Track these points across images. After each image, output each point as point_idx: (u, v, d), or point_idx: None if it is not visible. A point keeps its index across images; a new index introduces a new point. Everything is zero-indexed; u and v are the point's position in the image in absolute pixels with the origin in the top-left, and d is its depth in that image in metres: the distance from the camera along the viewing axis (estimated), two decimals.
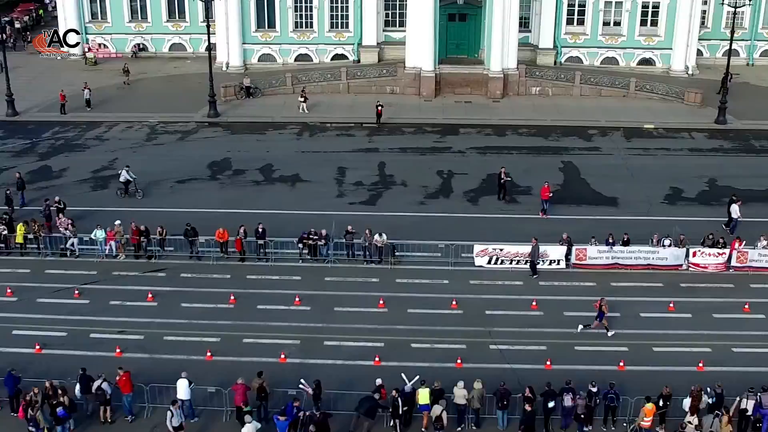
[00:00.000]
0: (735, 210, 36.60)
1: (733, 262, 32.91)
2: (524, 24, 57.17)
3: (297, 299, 30.48)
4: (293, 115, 49.44)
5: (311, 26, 56.79)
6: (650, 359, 27.75)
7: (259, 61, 57.03)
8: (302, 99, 50.28)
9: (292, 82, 52.34)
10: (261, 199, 38.70)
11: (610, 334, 28.72)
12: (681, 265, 32.97)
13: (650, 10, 56.80)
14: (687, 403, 24.52)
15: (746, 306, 30.64)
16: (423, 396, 24.56)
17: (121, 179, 38.62)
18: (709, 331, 29.18)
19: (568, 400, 24.41)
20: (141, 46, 59.34)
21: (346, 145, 45.64)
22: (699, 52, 59.74)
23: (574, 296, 31.16)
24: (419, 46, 51.54)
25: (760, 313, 30.43)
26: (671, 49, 56.70)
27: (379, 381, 24.79)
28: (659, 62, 57.54)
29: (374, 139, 46.43)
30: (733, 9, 48.04)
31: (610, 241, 32.82)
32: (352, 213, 37.07)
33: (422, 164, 42.83)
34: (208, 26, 48.25)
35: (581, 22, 57.20)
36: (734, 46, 58.97)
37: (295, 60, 57.15)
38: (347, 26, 56.82)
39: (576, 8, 56.95)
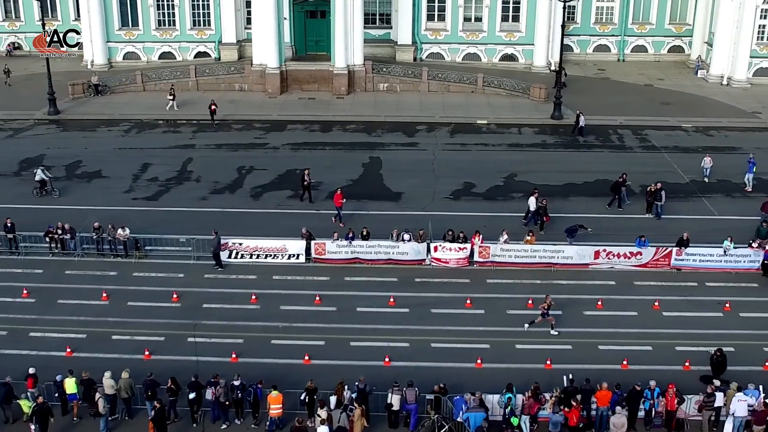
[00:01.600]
0: (532, 202, 36.58)
1: (476, 257, 32.86)
2: (386, 20, 57.46)
3: (25, 292, 30.83)
4: (133, 113, 49.58)
5: (173, 24, 57.23)
6: (344, 353, 27.49)
7: (124, 59, 57.49)
8: (171, 96, 50.68)
9: (142, 80, 52.75)
10: (52, 195, 39.13)
11: (554, 332, 28.59)
12: (424, 260, 33.06)
13: (511, 5, 56.43)
14: (333, 399, 24.65)
15: (468, 301, 30.73)
16: (69, 385, 24.83)
17: (37, 178, 39.12)
18: (417, 326, 28.99)
19: (209, 394, 24.59)
20: (15, 44, 60.10)
21: (167, 141, 45.81)
22: (569, 48, 59.72)
23: (300, 290, 31.05)
24: (264, 43, 51.59)
25: (480, 309, 30.31)
26: (533, 44, 56.55)
27: (32, 370, 25.03)
28: (522, 58, 57.21)
29: (198, 135, 46.50)
30: (563, 3, 47.80)
31: (350, 235, 33.01)
32: (131, 208, 37.35)
33: (229, 160, 42.84)
34: (43, 24, 49.12)
35: (442, 18, 57.00)
36: (605, 41, 59.52)
37: (159, 58, 57.66)
38: (209, 24, 57.26)
39: (436, 4, 56.71)
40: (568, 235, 33.62)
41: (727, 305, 30.47)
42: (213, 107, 48.09)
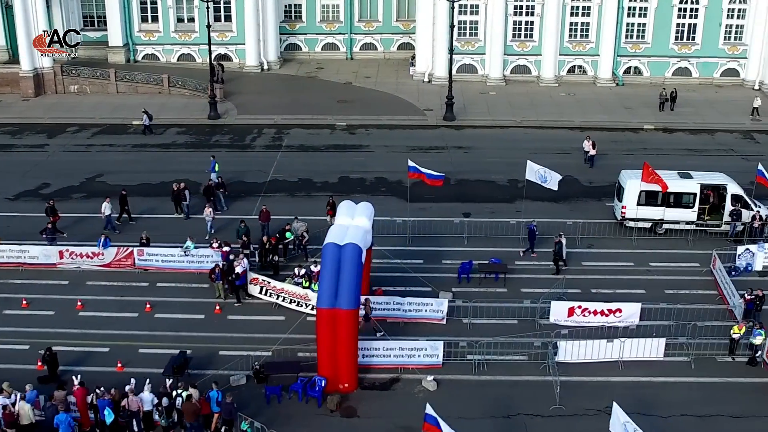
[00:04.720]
0: (106, 207, 36.63)
1: None
2: (104, 22, 57.92)
3: None
4: None
5: None
6: None
7: None
8: None
9: None
10: None
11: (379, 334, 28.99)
12: None
13: (222, 5, 56.30)
14: None
15: None
16: None
17: None
18: None
19: None
20: None
21: None
22: (297, 46, 59.49)
23: None
24: None
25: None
26: (244, 44, 56.35)
27: None
28: (235, 58, 57.23)
29: None
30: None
31: None
32: None
33: None
34: None
35: (155, 19, 57.38)
36: (332, 40, 59.13)
37: None
38: None
39: (149, 5, 57.16)
40: (42, 233, 34.20)
41: (148, 306, 30.61)
42: None
